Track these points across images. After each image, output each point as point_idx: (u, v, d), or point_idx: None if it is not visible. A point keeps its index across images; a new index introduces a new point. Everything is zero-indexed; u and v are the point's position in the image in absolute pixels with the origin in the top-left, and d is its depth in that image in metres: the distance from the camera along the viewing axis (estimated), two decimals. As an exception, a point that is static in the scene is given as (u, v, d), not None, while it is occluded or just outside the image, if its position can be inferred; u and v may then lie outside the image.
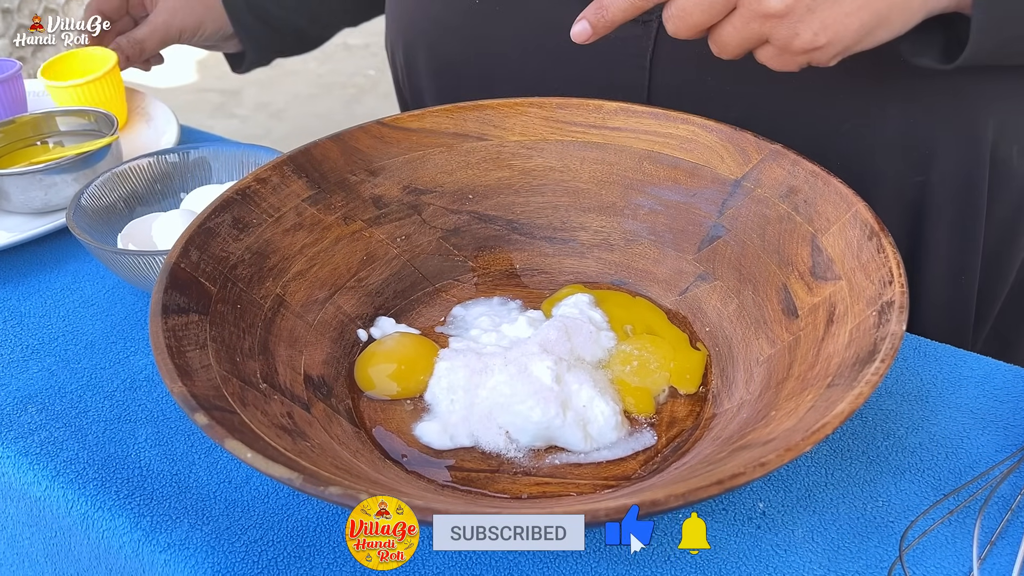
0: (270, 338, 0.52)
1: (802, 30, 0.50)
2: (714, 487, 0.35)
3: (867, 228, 0.48)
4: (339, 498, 0.36)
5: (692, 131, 0.59)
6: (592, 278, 0.62)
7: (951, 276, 0.71)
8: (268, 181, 0.56)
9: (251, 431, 0.41)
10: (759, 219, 0.56)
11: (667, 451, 0.50)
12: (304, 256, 0.57)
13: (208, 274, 0.50)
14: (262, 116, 2.91)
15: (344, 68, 3.23)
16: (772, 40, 0.52)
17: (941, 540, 0.45)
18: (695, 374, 0.54)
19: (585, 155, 0.62)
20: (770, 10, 0.50)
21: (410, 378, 0.54)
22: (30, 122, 0.81)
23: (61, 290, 0.67)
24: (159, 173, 0.72)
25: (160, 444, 0.53)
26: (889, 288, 0.45)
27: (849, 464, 0.49)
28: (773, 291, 0.53)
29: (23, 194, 0.72)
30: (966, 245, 0.69)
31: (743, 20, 0.51)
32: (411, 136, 0.62)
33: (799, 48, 0.51)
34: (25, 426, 0.55)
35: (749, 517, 0.47)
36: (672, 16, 0.53)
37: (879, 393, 0.54)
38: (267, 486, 0.50)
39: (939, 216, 0.68)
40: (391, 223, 0.61)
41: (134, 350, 0.61)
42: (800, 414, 0.42)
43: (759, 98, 0.65)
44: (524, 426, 0.49)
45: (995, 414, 0.52)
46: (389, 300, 0.60)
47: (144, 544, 0.47)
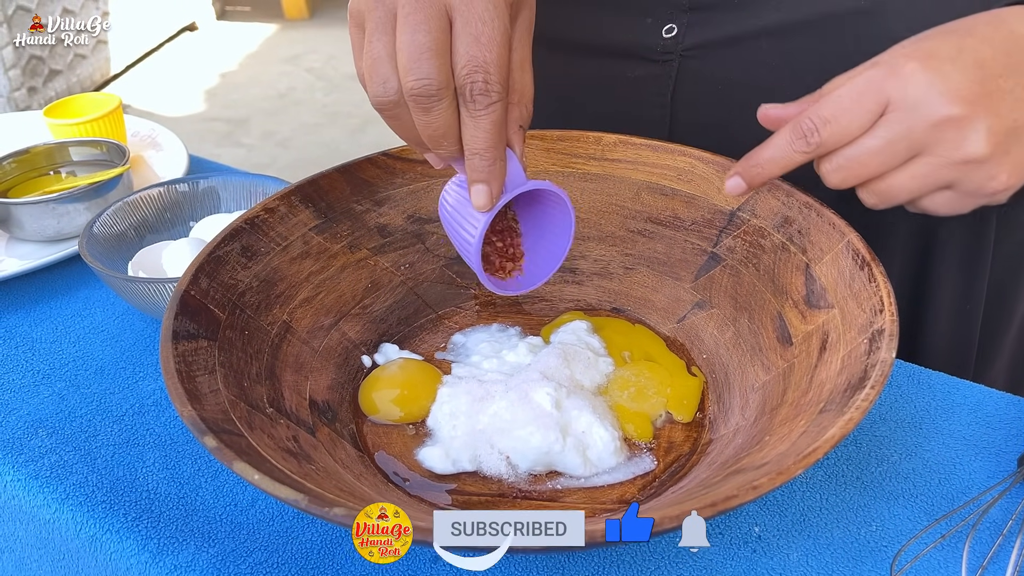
0: (277, 363, 0.53)
1: (998, 172, 0.46)
2: (707, 509, 0.36)
3: (859, 258, 0.50)
4: (343, 519, 0.37)
5: (689, 163, 0.60)
6: (592, 305, 0.64)
7: (957, 306, 0.72)
8: (276, 211, 0.58)
9: (258, 454, 0.42)
10: (754, 248, 0.57)
11: (664, 476, 0.51)
12: (310, 283, 0.58)
13: (217, 301, 0.52)
14: (269, 145, 2.94)
15: (350, 98, 3.26)
16: (960, 186, 0.47)
17: (933, 564, 0.45)
18: (692, 400, 0.55)
19: (585, 186, 0.63)
20: (971, 155, 0.45)
21: (413, 403, 0.55)
22: (44, 152, 0.82)
23: (72, 316, 0.69)
24: (169, 202, 0.74)
25: (167, 468, 0.54)
26: (880, 316, 0.46)
27: (843, 489, 0.50)
28: (768, 319, 0.54)
29: (36, 222, 0.74)
30: (973, 275, 0.70)
31: (931, 167, 0.46)
32: (416, 167, 0.63)
33: (990, 191, 0.47)
34: (35, 450, 0.56)
35: (745, 541, 0.47)
36: (840, 167, 0.47)
37: (873, 419, 0.55)
38: (272, 509, 0.51)
39: (947, 246, 0.69)
40: (395, 251, 0.62)
41: (143, 375, 0.62)
42: (793, 439, 0.43)
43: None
44: (524, 451, 0.50)
45: (987, 440, 0.53)
46: (393, 327, 0.62)
47: (151, 566, 0.48)
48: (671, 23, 0.65)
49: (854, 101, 0.47)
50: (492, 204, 0.47)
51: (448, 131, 0.45)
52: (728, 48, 0.64)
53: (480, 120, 0.44)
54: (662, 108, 0.69)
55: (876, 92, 0.46)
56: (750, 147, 0.66)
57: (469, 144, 0.45)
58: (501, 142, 0.45)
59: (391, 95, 0.44)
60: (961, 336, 0.73)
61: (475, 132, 0.44)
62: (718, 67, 0.65)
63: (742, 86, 0.65)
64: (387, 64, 0.43)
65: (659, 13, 0.65)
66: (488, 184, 0.46)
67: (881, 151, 0.46)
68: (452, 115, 0.44)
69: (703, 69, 0.66)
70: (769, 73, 0.64)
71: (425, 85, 0.42)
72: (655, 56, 0.67)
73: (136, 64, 3.55)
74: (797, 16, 0.62)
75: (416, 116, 0.44)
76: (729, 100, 0.66)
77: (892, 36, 0.60)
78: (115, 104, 0.87)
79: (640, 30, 0.67)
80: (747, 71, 0.65)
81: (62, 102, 0.89)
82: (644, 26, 0.66)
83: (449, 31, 0.43)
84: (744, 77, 0.65)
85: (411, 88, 0.43)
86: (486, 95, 0.43)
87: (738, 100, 0.60)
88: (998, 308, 0.74)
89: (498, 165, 0.46)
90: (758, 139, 0.67)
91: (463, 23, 0.43)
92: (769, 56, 0.63)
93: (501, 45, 0.43)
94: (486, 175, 0.46)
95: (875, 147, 0.46)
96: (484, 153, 0.45)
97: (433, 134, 0.45)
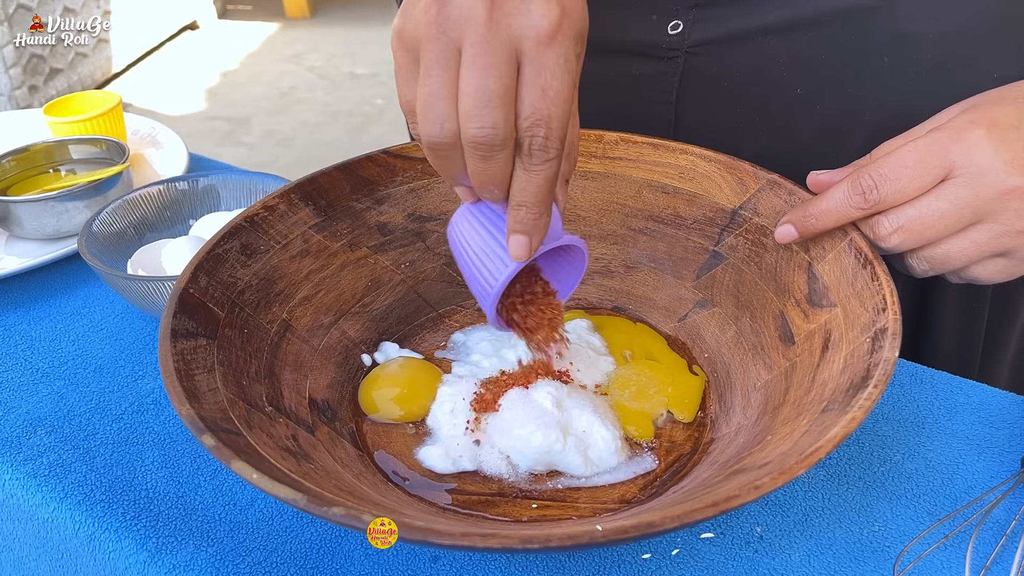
0: (276, 362, 0.53)
1: None
2: (709, 509, 0.36)
3: (862, 256, 0.49)
4: (342, 519, 0.36)
5: (691, 161, 0.60)
6: (593, 304, 0.63)
7: (963, 305, 0.71)
8: (276, 209, 0.58)
9: (257, 453, 0.42)
10: (757, 247, 0.57)
11: (666, 476, 0.50)
12: (310, 282, 0.58)
13: (216, 299, 0.52)
14: (270, 144, 2.94)
15: (351, 96, 3.26)
16: (1016, 254, 0.48)
17: (936, 565, 0.45)
18: (693, 399, 0.55)
19: (586, 184, 0.63)
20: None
21: (413, 402, 0.55)
22: (43, 150, 0.82)
23: (71, 314, 0.68)
24: (168, 200, 0.74)
25: (166, 467, 0.54)
26: (882, 315, 0.46)
27: (846, 489, 0.50)
28: (770, 318, 0.54)
29: (35, 220, 0.73)
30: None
31: (992, 234, 0.47)
32: (416, 165, 0.63)
33: None
34: (34, 448, 0.55)
35: (747, 541, 0.47)
36: (902, 228, 0.48)
37: (876, 419, 0.54)
38: (270, 509, 0.50)
39: None
40: (395, 250, 0.62)
41: (142, 374, 0.62)
42: (795, 438, 0.42)
43: (786, 126, 0.66)
44: (525, 451, 0.50)
45: (991, 440, 0.53)
46: (393, 325, 0.61)
47: (149, 565, 0.48)
48: (677, 19, 0.65)
49: (917, 162, 0.46)
50: (530, 256, 0.45)
51: (501, 179, 0.43)
52: (734, 45, 0.64)
53: (534, 175, 0.42)
54: (667, 105, 0.68)
55: (941, 156, 0.46)
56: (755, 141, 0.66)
57: (518, 196, 0.43)
58: (550, 196, 0.44)
59: (447, 137, 0.42)
60: (967, 335, 0.73)
61: (526, 185, 0.43)
62: (724, 65, 0.65)
63: (748, 84, 0.65)
64: (446, 104, 0.41)
65: (665, 9, 0.65)
66: (530, 237, 0.44)
67: (947, 214, 0.46)
68: (508, 164, 0.43)
69: (709, 67, 0.65)
70: (775, 71, 0.63)
71: (490, 135, 0.40)
72: (660, 53, 0.66)
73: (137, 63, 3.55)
74: (804, 13, 0.61)
75: (473, 163, 0.42)
76: (735, 98, 0.66)
77: (899, 34, 0.60)
78: (115, 102, 0.87)
79: (645, 27, 0.66)
80: (753, 69, 0.64)
81: (62, 100, 0.89)
82: (649, 23, 0.66)
83: (516, 77, 0.41)
84: (750, 75, 0.64)
85: (473, 136, 0.41)
86: (545, 151, 0.41)
87: (744, 98, 0.60)
88: (1004, 306, 0.74)
89: (543, 219, 0.44)
90: (764, 138, 0.67)
91: (533, 72, 0.40)
92: (776, 53, 0.63)
93: (567, 101, 0.41)
94: (530, 228, 0.44)
95: (942, 209, 0.46)
96: (532, 207, 0.43)
97: (485, 181, 0.43)
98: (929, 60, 0.60)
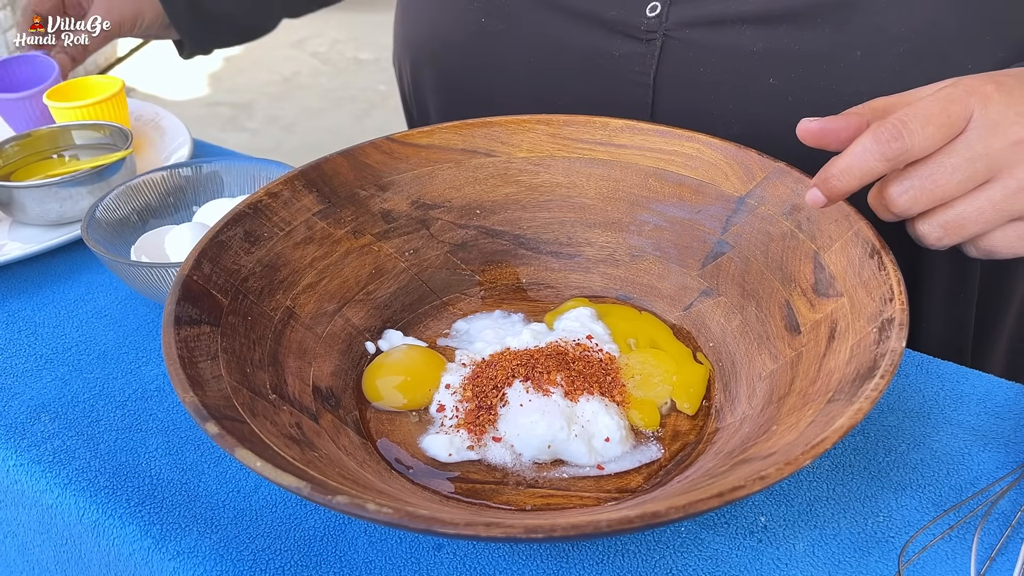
0: (280, 350, 0.53)
1: None
2: (714, 499, 0.35)
3: (869, 246, 0.49)
4: (346, 507, 0.36)
5: (697, 148, 0.60)
6: (597, 292, 0.63)
7: (951, 293, 0.71)
8: (279, 195, 0.57)
9: (260, 441, 0.42)
10: (763, 236, 0.56)
11: (670, 465, 0.50)
12: (314, 269, 0.58)
13: (220, 286, 0.51)
14: (273, 129, 2.93)
15: (355, 82, 3.25)
16: None
17: (941, 555, 0.45)
18: (698, 388, 0.54)
19: (591, 171, 0.63)
20: None
21: (417, 390, 0.55)
22: (46, 135, 0.82)
23: (75, 301, 0.68)
24: (172, 186, 0.73)
25: (170, 453, 0.54)
26: (890, 305, 0.45)
27: (851, 479, 0.50)
28: (776, 307, 0.54)
29: (39, 206, 0.73)
30: (965, 260, 0.70)
31: (1008, 191, 0.45)
32: (420, 152, 0.63)
33: None
34: (38, 435, 0.56)
35: (751, 531, 0.47)
36: (911, 187, 0.46)
37: (881, 409, 0.54)
38: (275, 496, 0.50)
39: None
40: (400, 237, 0.62)
41: (146, 360, 0.62)
42: (801, 429, 0.42)
43: (760, 116, 0.66)
44: (529, 440, 0.50)
45: (996, 431, 0.52)
46: (397, 313, 0.61)
47: (154, 552, 0.48)
48: (654, 1, 0.66)
49: (942, 110, 0.45)
50: None
51: None
52: (711, 30, 0.65)
53: None
54: (645, 87, 0.69)
55: (963, 105, 0.45)
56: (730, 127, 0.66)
57: None
58: None
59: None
60: (955, 321, 0.73)
61: None
62: (701, 50, 0.66)
63: (724, 71, 0.65)
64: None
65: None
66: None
67: (960, 168, 0.45)
68: None
69: (686, 51, 0.66)
70: (751, 60, 0.64)
71: None
72: (639, 34, 0.67)
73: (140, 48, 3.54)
74: (779, 3, 0.62)
75: None
76: (711, 85, 0.66)
77: (873, 27, 0.60)
78: (118, 87, 0.86)
79: (626, 6, 0.68)
80: (729, 56, 0.65)
81: (64, 85, 0.89)
82: (628, 3, 0.67)
83: None
84: (726, 62, 0.65)
85: None
86: None
87: (720, 86, 0.60)
88: (995, 294, 0.74)
89: None
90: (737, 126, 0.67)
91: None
92: (751, 42, 0.64)
93: None
94: None
95: (954, 164, 0.45)
96: None
97: None
98: (903, 53, 0.60)
